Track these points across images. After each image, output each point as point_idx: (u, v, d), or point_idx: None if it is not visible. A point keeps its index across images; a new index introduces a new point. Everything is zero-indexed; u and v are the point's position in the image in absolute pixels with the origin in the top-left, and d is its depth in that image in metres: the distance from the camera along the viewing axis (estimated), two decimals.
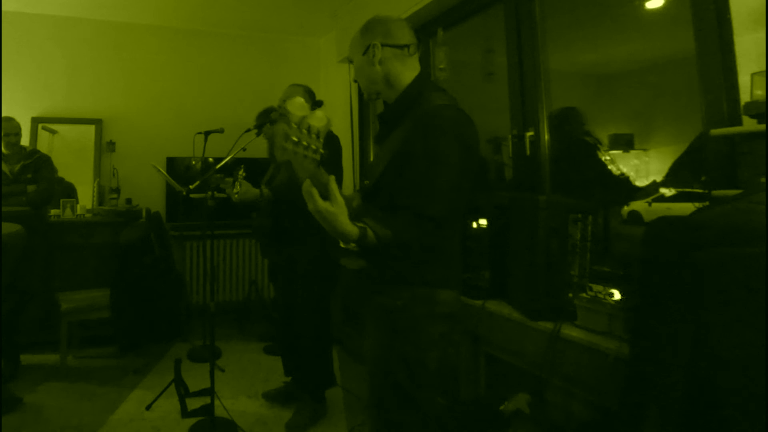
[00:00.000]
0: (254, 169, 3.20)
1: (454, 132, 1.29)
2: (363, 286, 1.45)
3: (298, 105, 1.18)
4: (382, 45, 1.38)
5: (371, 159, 4.01)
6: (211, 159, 3.78)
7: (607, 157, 2.29)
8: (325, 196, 1.09)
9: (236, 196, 2.44)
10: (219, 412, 2.46)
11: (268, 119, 2.97)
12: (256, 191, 2.48)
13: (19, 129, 3.34)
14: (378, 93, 1.44)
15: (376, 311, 1.40)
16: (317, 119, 1.12)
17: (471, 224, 2.16)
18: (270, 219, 2.59)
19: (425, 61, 2.99)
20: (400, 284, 1.35)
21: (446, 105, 1.35)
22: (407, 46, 1.40)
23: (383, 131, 1.46)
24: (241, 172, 2.49)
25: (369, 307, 1.44)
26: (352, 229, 1.12)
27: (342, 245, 1.16)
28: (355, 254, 1.18)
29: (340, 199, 1.10)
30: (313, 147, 1.10)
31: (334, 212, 1.09)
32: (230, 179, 2.52)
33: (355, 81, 1.49)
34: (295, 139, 1.07)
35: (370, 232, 1.14)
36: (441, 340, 1.35)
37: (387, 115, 1.44)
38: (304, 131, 1.07)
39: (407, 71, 1.41)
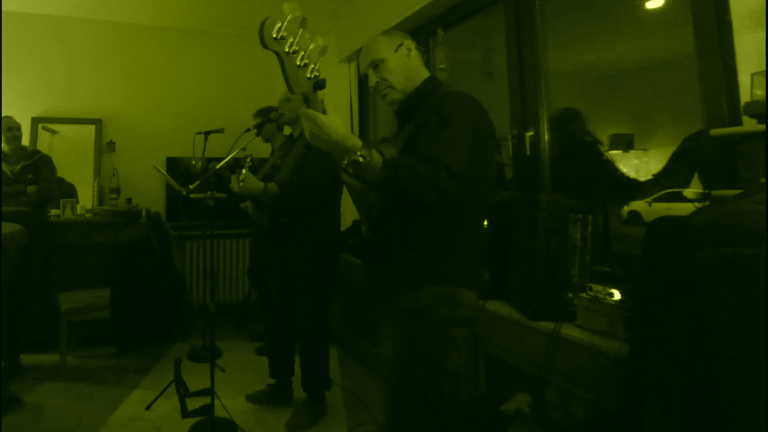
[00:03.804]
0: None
1: (469, 117, 1.32)
2: (377, 286, 1.42)
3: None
4: (415, 46, 1.47)
5: None
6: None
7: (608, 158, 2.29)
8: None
9: (241, 184, 2.36)
10: (219, 412, 2.46)
11: (267, 119, 2.97)
12: (261, 185, 2.38)
13: (20, 125, 3.35)
14: (404, 91, 1.45)
15: (395, 312, 1.37)
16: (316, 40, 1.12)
17: None
18: (268, 215, 2.57)
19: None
20: (420, 283, 1.32)
21: (462, 92, 1.38)
22: (425, 51, 1.52)
23: (399, 126, 1.48)
24: (248, 161, 2.46)
25: (386, 308, 1.41)
26: (355, 138, 1.12)
27: (345, 162, 1.13)
28: (355, 175, 1.16)
29: (335, 116, 1.13)
30: (312, 65, 1.12)
31: (333, 119, 1.11)
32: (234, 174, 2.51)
33: (383, 80, 1.45)
34: (285, 33, 1.05)
35: (375, 151, 1.13)
36: (462, 341, 1.33)
37: (405, 105, 1.46)
38: (303, 34, 1.08)
39: (424, 72, 1.50)
